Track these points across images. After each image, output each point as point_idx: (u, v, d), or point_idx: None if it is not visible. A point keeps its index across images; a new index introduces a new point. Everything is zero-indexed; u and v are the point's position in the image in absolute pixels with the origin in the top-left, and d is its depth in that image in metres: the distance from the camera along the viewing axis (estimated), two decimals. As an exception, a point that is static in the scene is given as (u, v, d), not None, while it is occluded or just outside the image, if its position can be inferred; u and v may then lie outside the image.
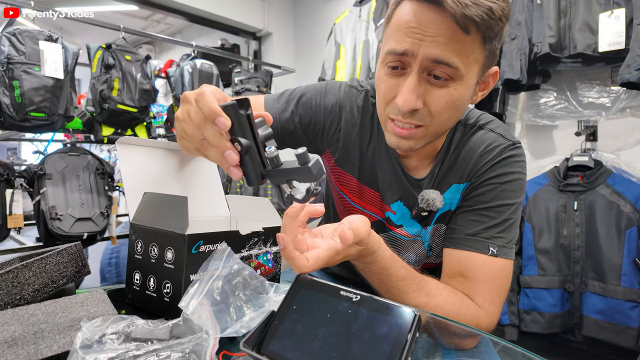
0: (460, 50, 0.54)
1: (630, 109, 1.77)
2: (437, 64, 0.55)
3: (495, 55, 0.60)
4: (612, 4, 1.59)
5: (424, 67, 0.56)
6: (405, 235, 0.76)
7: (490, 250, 0.64)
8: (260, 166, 0.46)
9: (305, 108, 0.76)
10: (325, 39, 2.78)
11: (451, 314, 0.60)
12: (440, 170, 0.72)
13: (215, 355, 0.38)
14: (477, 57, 0.57)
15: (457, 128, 0.72)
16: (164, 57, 4.57)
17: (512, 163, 0.68)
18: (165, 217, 0.54)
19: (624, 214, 1.63)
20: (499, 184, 0.67)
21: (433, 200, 0.70)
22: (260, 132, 0.46)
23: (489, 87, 0.65)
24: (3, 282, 0.48)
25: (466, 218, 0.68)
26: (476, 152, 0.69)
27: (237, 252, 0.57)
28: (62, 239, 1.64)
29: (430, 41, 0.54)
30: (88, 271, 0.57)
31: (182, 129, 0.49)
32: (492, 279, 0.64)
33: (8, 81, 1.52)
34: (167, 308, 0.51)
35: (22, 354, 0.38)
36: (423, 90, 0.58)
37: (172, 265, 0.51)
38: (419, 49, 0.55)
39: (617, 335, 1.61)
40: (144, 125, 2.09)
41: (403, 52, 0.56)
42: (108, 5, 3.19)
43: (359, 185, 0.77)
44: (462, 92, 0.58)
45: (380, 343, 0.36)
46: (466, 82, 0.58)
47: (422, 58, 0.55)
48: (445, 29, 0.53)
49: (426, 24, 0.54)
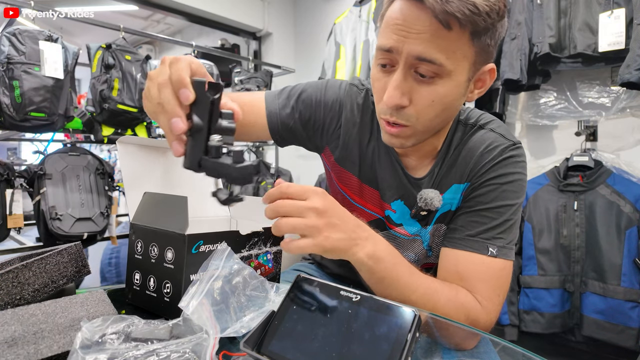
0: (444, 47, 0.55)
1: (630, 109, 1.77)
2: (420, 61, 0.55)
3: (488, 52, 0.59)
4: (612, 4, 1.59)
5: (409, 64, 0.57)
6: (405, 234, 0.76)
7: (489, 251, 0.64)
8: (201, 152, 0.45)
9: (305, 104, 0.77)
10: (325, 39, 2.78)
11: (449, 301, 0.60)
12: (440, 169, 0.72)
13: (215, 355, 0.38)
14: (465, 54, 0.56)
15: (458, 128, 0.72)
16: (164, 57, 4.56)
17: (512, 163, 0.68)
18: (166, 217, 0.54)
19: (624, 214, 1.63)
20: (500, 184, 0.67)
21: (431, 200, 0.70)
22: (220, 122, 0.45)
23: (486, 84, 0.64)
24: (3, 282, 0.48)
25: (466, 219, 0.68)
26: (476, 152, 0.69)
27: (237, 252, 0.57)
28: (62, 239, 1.64)
29: (415, 38, 0.55)
30: (88, 271, 0.57)
31: (148, 87, 0.49)
32: (491, 279, 0.64)
33: (8, 81, 1.52)
34: (167, 308, 0.51)
35: (22, 353, 0.38)
36: (409, 87, 0.58)
37: (172, 265, 0.51)
38: (404, 46, 0.56)
39: (617, 335, 1.61)
40: (144, 125, 2.08)
41: (389, 48, 0.57)
42: (108, 5, 3.19)
43: (360, 184, 0.77)
44: (450, 90, 0.58)
45: (380, 343, 0.36)
46: (454, 78, 0.58)
47: (407, 55, 0.56)
48: (429, 25, 0.54)
49: (411, 20, 0.55)
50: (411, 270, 0.60)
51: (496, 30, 0.58)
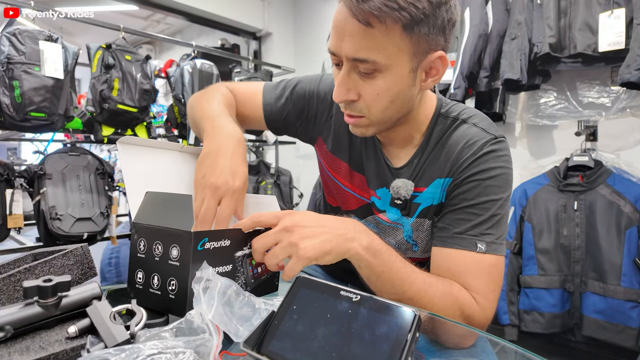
0: (373, 45, 0.56)
1: (630, 109, 1.77)
2: (355, 61, 0.58)
3: (429, 41, 0.58)
4: (612, 4, 1.59)
5: (350, 64, 0.59)
6: (386, 221, 0.78)
7: (478, 247, 0.64)
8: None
9: (298, 96, 0.82)
10: (325, 39, 2.78)
11: (444, 294, 0.60)
12: (419, 161, 0.73)
13: (217, 356, 0.38)
14: (399, 47, 0.57)
15: (439, 120, 0.73)
16: (164, 57, 4.57)
17: (494, 158, 0.67)
18: (170, 215, 0.54)
19: (624, 214, 1.63)
20: (482, 180, 0.66)
21: (398, 189, 0.72)
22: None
23: (439, 72, 0.64)
24: (5, 286, 0.46)
25: (453, 217, 0.68)
26: (457, 146, 0.69)
27: (240, 249, 0.57)
28: (62, 239, 1.64)
29: (348, 40, 0.57)
30: (94, 273, 0.55)
31: (197, 185, 0.61)
32: (482, 275, 0.64)
33: (8, 81, 1.52)
34: (172, 304, 0.51)
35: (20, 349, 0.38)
36: (354, 83, 0.61)
37: (178, 263, 0.51)
38: (341, 48, 0.58)
39: (617, 335, 1.61)
40: (144, 125, 2.08)
41: (332, 52, 0.60)
42: (108, 5, 3.19)
43: (350, 170, 0.80)
44: (392, 82, 0.60)
45: (380, 343, 0.37)
46: (394, 71, 0.59)
47: (345, 56, 0.59)
48: (356, 26, 0.55)
49: (343, 23, 0.57)
50: (406, 264, 0.61)
51: (436, 18, 0.56)
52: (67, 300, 0.42)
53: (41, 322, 0.40)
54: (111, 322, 0.40)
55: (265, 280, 0.63)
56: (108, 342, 0.38)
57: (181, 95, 2.23)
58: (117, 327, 0.39)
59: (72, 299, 0.43)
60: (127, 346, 0.35)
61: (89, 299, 0.44)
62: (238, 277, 0.57)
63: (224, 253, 0.55)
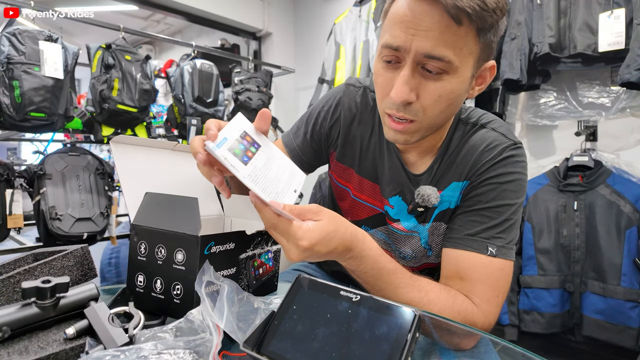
0: (453, 43, 0.55)
1: (630, 109, 1.77)
2: (429, 58, 0.55)
3: (491, 49, 0.60)
4: (612, 4, 1.59)
5: (417, 61, 0.57)
6: (402, 230, 0.77)
7: (489, 251, 0.64)
8: None
9: (308, 122, 0.82)
10: (325, 39, 2.78)
11: (444, 310, 0.60)
12: (439, 167, 0.72)
13: (217, 355, 0.38)
14: (471, 50, 0.57)
15: (458, 126, 0.72)
16: (164, 57, 4.57)
17: (512, 163, 0.67)
18: (174, 218, 0.53)
19: (624, 214, 1.63)
20: (499, 183, 0.67)
21: (428, 196, 0.70)
22: None
23: (486, 81, 0.64)
24: (4, 287, 0.45)
25: (466, 218, 0.68)
26: (477, 150, 0.69)
27: (244, 251, 0.57)
28: (62, 239, 1.64)
29: (423, 35, 0.54)
30: (94, 274, 0.55)
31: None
32: (490, 279, 0.64)
33: (8, 81, 1.52)
34: (177, 308, 0.50)
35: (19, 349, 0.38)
36: (417, 83, 0.58)
37: (183, 267, 0.50)
38: (412, 43, 0.55)
39: (617, 335, 1.61)
40: (144, 125, 2.08)
41: (397, 47, 0.57)
42: (108, 5, 3.19)
43: (359, 179, 0.79)
44: (456, 85, 0.58)
45: (380, 343, 0.36)
46: (460, 74, 0.58)
47: (415, 53, 0.56)
48: (439, 21, 0.53)
49: (420, 17, 0.54)
50: (407, 284, 0.59)
51: (499, 27, 0.58)
52: (65, 302, 0.42)
53: (39, 323, 0.40)
54: (110, 325, 0.40)
55: (265, 281, 0.63)
56: (107, 345, 0.38)
57: (181, 95, 2.23)
58: (116, 330, 0.39)
59: (70, 300, 0.43)
60: (127, 347, 0.35)
61: (87, 300, 0.44)
62: (241, 280, 0.57)
63: (229, 256, 0.55)
